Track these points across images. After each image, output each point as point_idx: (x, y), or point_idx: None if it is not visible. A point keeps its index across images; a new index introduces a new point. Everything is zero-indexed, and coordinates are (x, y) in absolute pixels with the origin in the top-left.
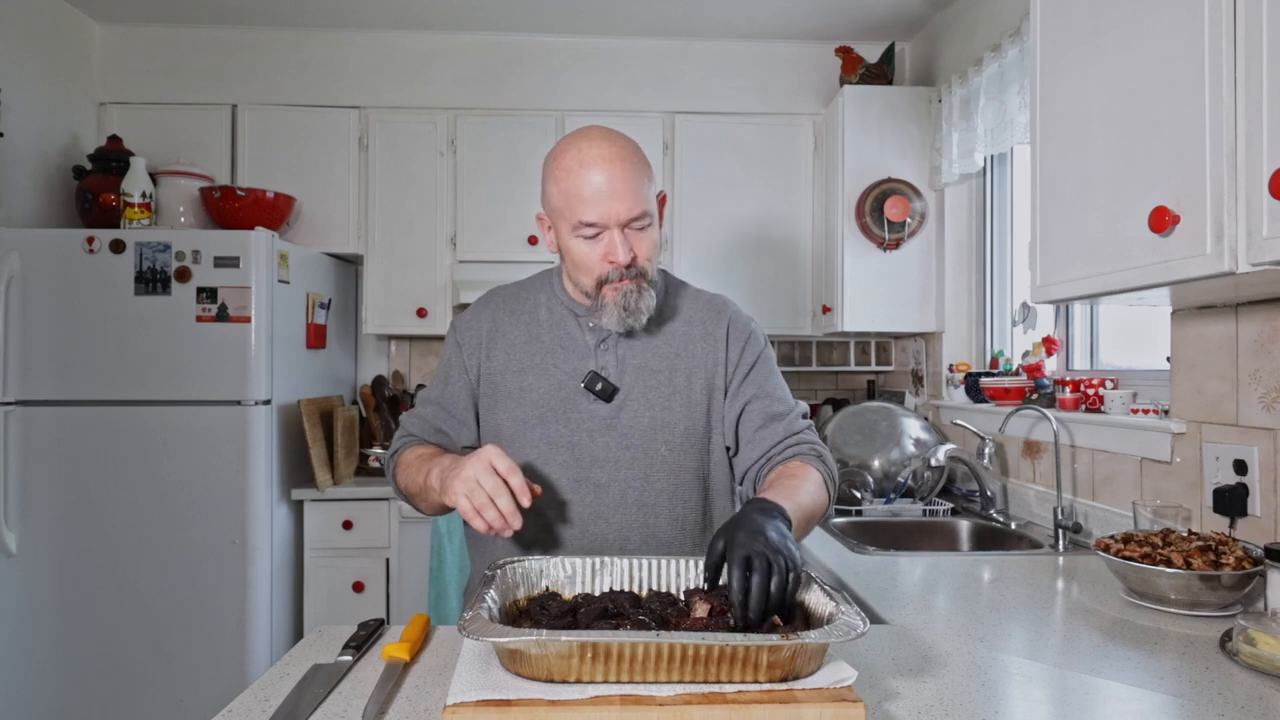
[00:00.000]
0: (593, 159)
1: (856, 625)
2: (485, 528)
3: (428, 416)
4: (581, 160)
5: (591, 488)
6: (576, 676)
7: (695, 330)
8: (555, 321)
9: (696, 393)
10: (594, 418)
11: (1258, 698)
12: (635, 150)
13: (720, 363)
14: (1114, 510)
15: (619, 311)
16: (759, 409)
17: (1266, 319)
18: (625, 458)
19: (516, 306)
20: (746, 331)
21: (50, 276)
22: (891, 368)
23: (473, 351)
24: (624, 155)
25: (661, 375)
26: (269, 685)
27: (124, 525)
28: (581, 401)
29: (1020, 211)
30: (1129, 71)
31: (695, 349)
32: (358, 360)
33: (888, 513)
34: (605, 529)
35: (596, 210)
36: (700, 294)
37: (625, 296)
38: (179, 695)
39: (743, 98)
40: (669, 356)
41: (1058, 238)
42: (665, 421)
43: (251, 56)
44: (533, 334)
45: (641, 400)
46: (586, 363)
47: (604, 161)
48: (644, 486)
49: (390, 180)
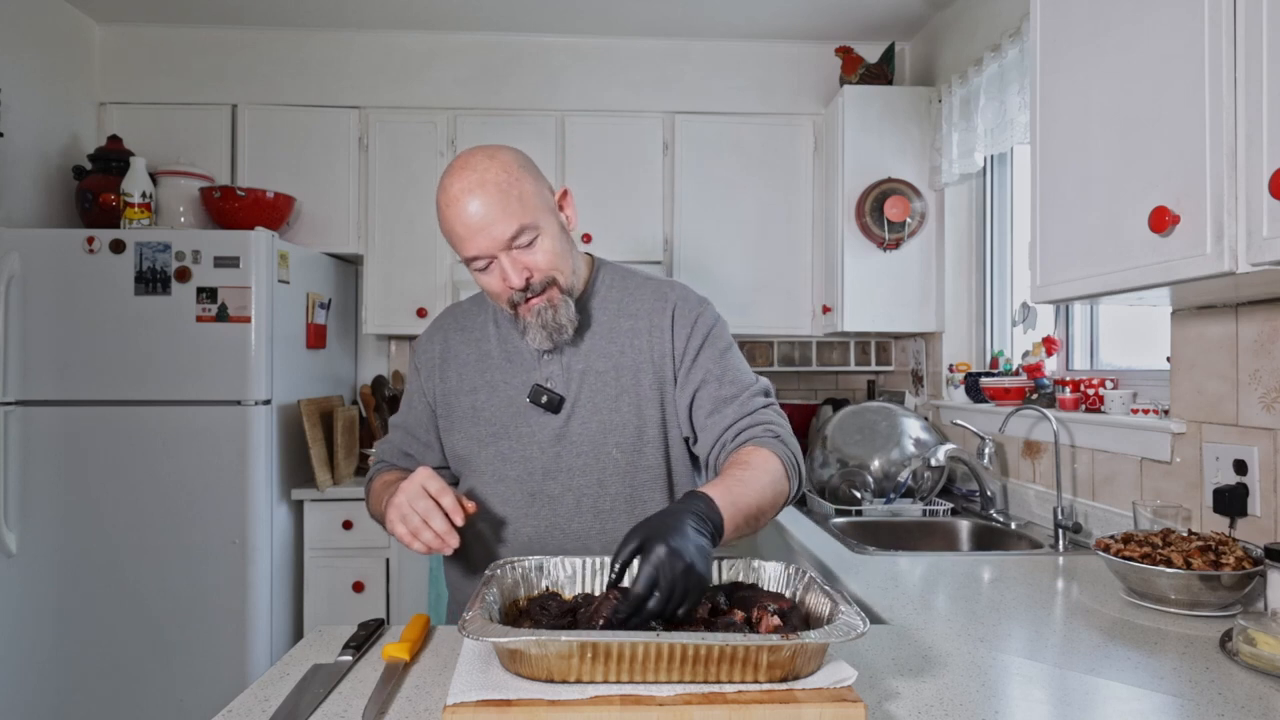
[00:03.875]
0: (455, 194)
1: (856, 625)
2: (424, 549)
3: (395, 442)
4: (448, 199)
5: (546, 500)
6: (576, 676)
7: (641, 324)
8: (502, 336)
9: (646, 389)
10: (545, 429)
11: (1258, 698)
12: (504, 167)
13: (668, 353)
14: (1114, 510)
15: (540, 332)
16: (708, 394)
17: (1266, 319)
18: (577, 465)
19: (467, 323)
20: (694, 315)
21: (50, 276)
22: (891, 368)
23: (429, 374)
24: (486, 180)
25: (608, 376)
26: (269, 685)
27: (124, 525)
28: (531, 415)
29: (1020, 211)
30: (1129, 71)
31: (641, 343)
32: (358, 360)
33: (888, 513)
34: (563, 539)
35: (474, 245)
36: (648, 281)
37: (540, 315)
38: (179, 695)
39: (743, 98)
40: (614, 356)
41: (1058, 238)
42: (614, 424)
43: (251, 56)
44: (482, 351)
45: (589, 406)
46: (533, 375)
47: (466, 195)
48: (598, 493)
49: (390, 180)
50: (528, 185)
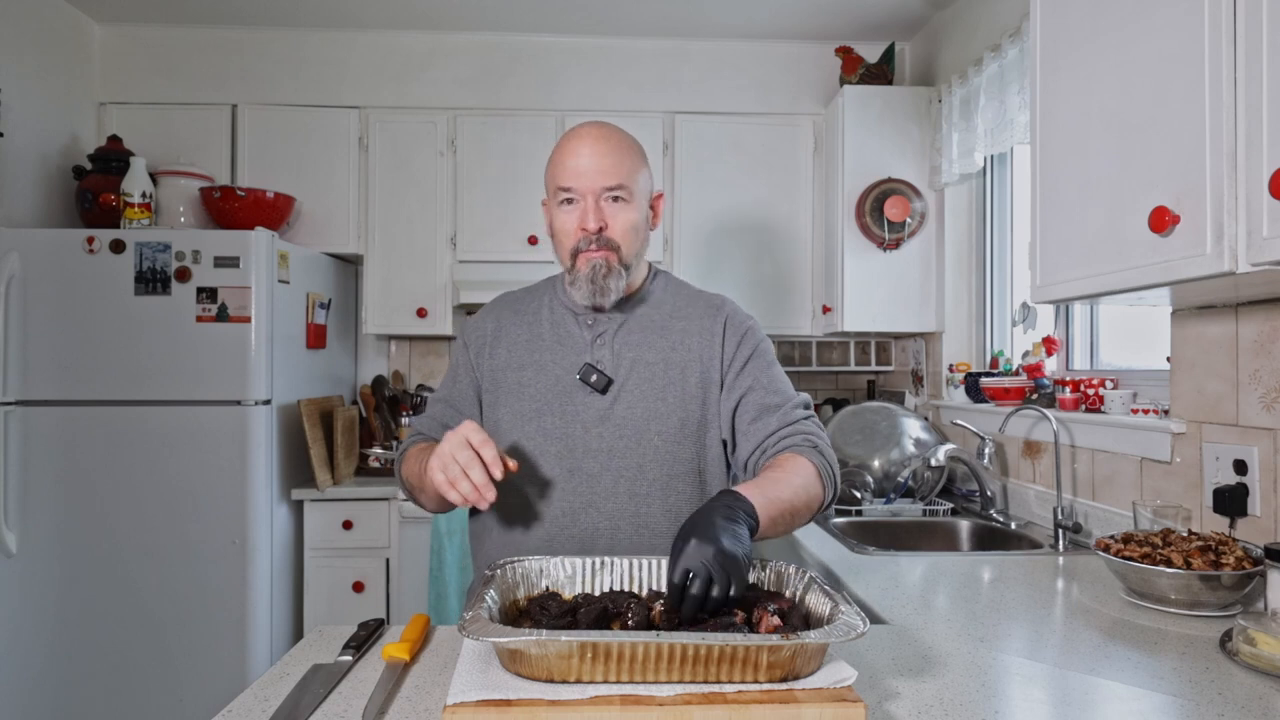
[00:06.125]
0: (581, 134)
1: (856, 625)
2: (460, 500)
3: (437, 415)
4: (572, 134)
5: (584, 477)
6: (576, 676)
7: (692, 325)
8: (556, 320)
9: (692, 386)
10: (589, 410)
11: (1258, 698)
12: (628, 138)
13: (716, 357)
14: (1114, 510)
15: (586, 284)
16: (754, 401)
17: (1266, 319)
18: (619, 447)
19: (521, 308)
20: (744, 327)
21: (50, 276)
22: (891, 368)
23: (479, 350)
24: (612, 135)
25: (656, 368)
26: (269, 685)
27: (124, 525)
28: (577, 395)
29: (1020, 211)
30: (1129, 71)
31: (691, 343)
32: (358, 360)
33: (888, 513)
34: (597, 517)
35: (573, 176)
36: (700, 293)
37: (594, 269)
38: (179, 695)
39: (743, 98)
40: (664, 350)
41: (1058, 238)
42: (658, 412)
43: (251, 56)
44: (534, 333)
45: (636, 392)
46: (583, 357)
47: (590, 138)
48: (636, 476)
49: (390, 180)
50: (640, 163)
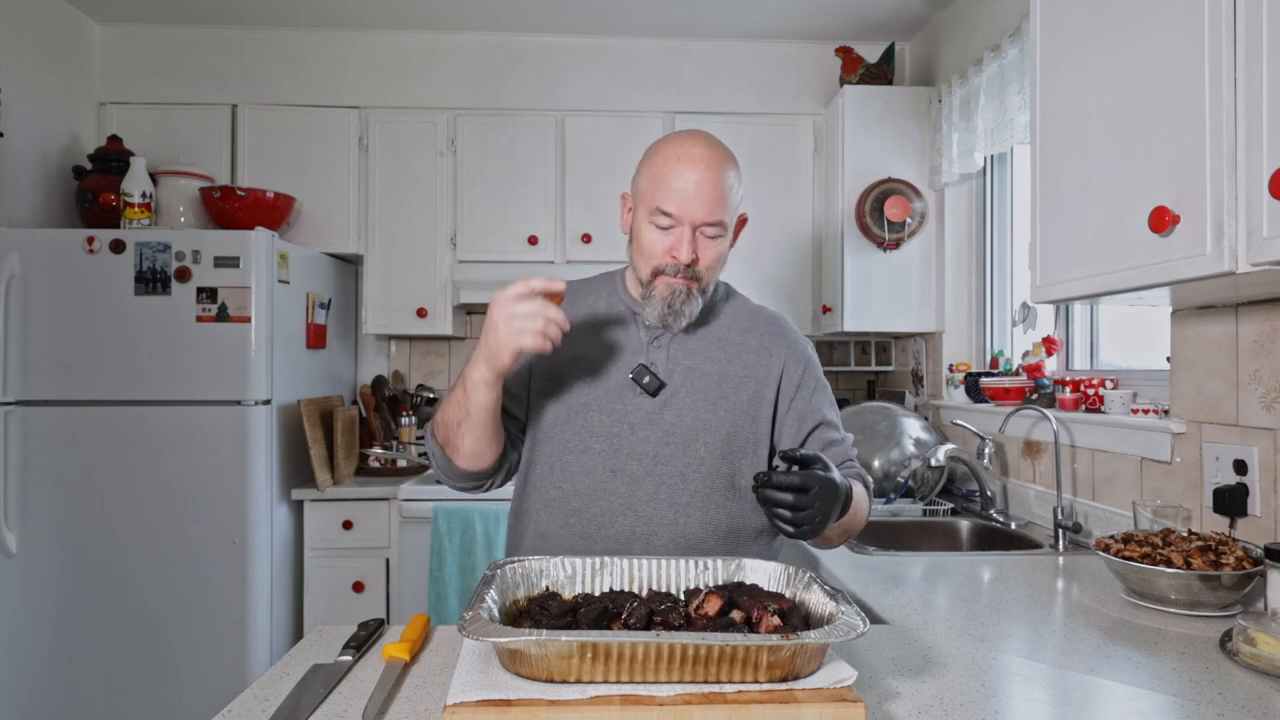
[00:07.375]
0: (692, 156)
1: (856, 625)
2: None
3: None
4: (681, 154)
5: (626, 479)
6: (576, 676)
7: (751, 341)
8: (613, 317)
9: (744, 401)
10: (637, 411)
11: (1258, 698)
12: (733, 165)
13: (774, 377)
14: (1114, 510)
15: (662, 306)
16: (821, 436)
17: (1266, 319)
18: (664, 453)
19: (578, 300)
20: (806, 354)
21: (50, 276)
22: (891, 368)
23: None
24: (720, 164)
25: (710, 379)
26: (269, 685)
27: (124, 525)
28: (627, 394)
29: (1020, 211)
30: (1129, 71)
31: (750, 359)
32: (358, 360)
33: (888, 513)
34: (635, 521)
35: (677, 203)
36: (759, 309)
37: (674, 294)
38: (179, 695)
39: (742, 98)
40: (720, 362)
41: (1058, 238)
42: (708, 424)
43: (251, 56)
44: (592, 325)
45: (687, 399)
46: (638, 357)
47: (700, 163)
48: (679, 485)
49: (390, 180)
50: (738, 197)
